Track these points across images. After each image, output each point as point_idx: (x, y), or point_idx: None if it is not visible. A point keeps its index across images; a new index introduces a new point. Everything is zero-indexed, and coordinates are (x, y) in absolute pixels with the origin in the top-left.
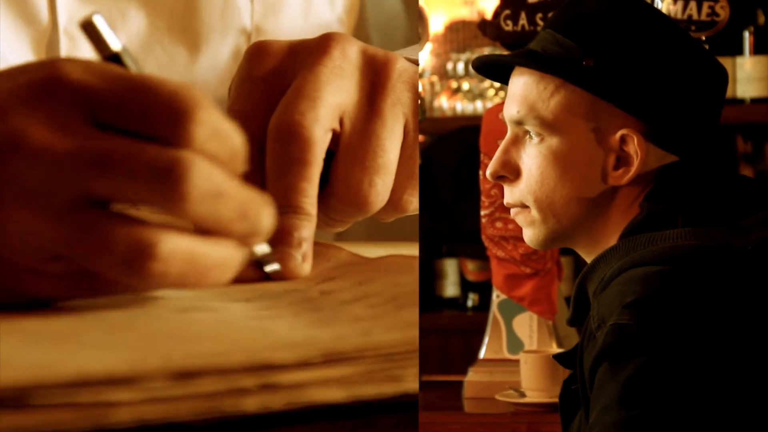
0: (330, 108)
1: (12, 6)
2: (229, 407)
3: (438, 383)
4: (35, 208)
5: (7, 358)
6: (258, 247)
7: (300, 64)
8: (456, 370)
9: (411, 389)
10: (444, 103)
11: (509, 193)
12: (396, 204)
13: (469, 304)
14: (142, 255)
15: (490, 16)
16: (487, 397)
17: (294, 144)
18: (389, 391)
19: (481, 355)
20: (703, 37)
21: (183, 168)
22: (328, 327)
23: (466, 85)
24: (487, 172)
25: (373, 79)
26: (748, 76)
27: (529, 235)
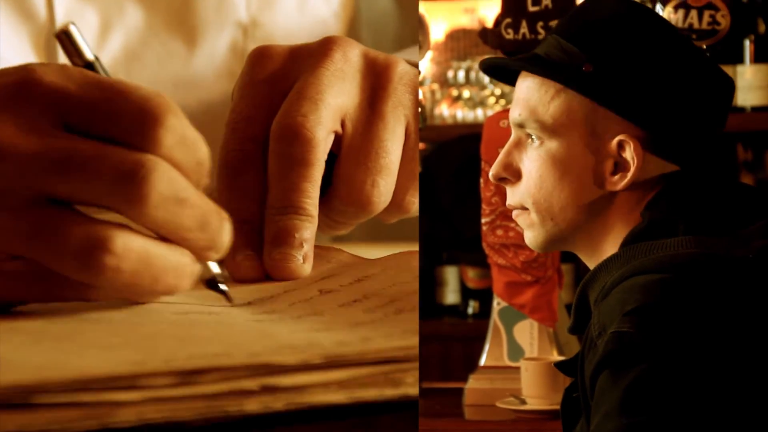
0: (332, 110)
1: (9, 3)
2: (231, 408)
3: (438, 390)
4: None
5: (10, 358)
6: (211, 264)
7: (302, 67)
8: (456, 377)
9: (411, 392)
10: (444, 111)
11: (511, 195)
12: (399, 204)
13: (470, 311)
14: (95, 249)
15: (491, 24)
16: (488, 404)
17: (296, 145)
18: (389, 394)
19: (482, 362)
20: (704, 46)
21: (146, 170)
22: (328, 332)
23: (466, 93)
24: (490, 173)
25: (374, 82)
26: (749, 84)
27: (529, 237)
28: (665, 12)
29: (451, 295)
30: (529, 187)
